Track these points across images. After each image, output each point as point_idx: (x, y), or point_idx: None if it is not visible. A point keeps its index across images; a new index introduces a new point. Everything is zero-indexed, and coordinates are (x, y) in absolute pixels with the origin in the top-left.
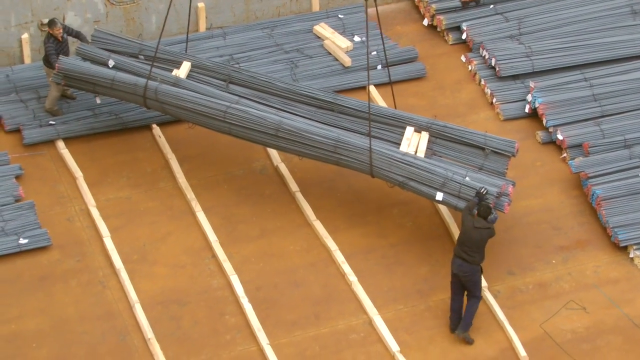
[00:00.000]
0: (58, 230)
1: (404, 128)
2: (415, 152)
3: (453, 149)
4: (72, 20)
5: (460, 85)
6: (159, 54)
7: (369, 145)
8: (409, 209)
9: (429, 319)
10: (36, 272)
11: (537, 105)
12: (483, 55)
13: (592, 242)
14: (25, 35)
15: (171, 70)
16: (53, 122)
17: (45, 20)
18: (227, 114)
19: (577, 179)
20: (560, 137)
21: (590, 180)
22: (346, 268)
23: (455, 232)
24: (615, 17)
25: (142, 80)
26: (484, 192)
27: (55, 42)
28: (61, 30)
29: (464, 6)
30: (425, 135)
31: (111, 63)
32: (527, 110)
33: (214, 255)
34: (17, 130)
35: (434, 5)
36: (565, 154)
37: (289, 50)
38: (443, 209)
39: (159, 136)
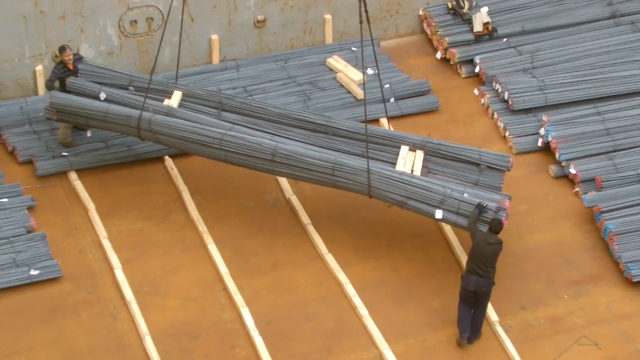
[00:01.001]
0: (69, 261)
1: (399, 147)
2: (412, 170)
3: (448, 166)
4: (86, 52)
5: (473, 118)
6: (147, 85)
7: (366, 166)
8: (421, 243)
9: (441, 353)
10: (47, 303)
11: (549, 138)
12: (496, 88)
13: (605, 277)
14: (39, 67)
15: (162, 100)
16: (66, 154)
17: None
18: (223, 141)
19: (590, 213)
20: (572, 171)
21: (602, 214)
22: (357, 301)
23: None
24: (627, 51)
25: (135, 112)
26: (484, 205)
27: (63, 70)
28: (71, 57)
29: (477, 39)
30: (420, 154)
31: (102, 96)
32: (539, 144)
33: (225, 288)
34: (30, 162)
35: (447, 39)
36: (577, 188)
37: (302, 83)
38: (455, 242)
39: (172, 168)
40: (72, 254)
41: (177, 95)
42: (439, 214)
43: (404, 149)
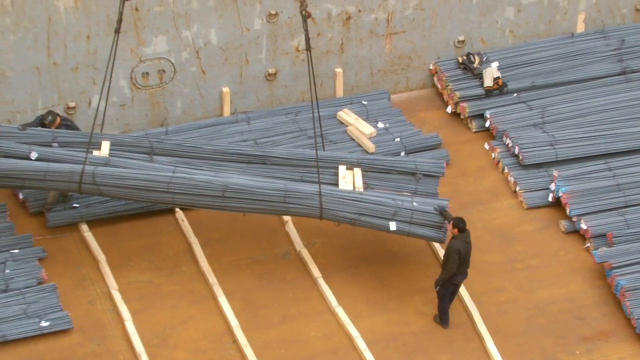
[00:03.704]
0: (79, 313)
1: (335, 168)
2: (354, 187)
3: (385, 179)
4: (98, 103)
5: (483, 172)
6: (73, 138)
7: (318, 190)
8: (431, 297)
9: None
10: (57, 355)
11: (560, 194)
12: (506, 143)
13: (616, 333)
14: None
15: (91, 152)
16: (77, 205)
17: (72, 104)
18: (171, 184)
19: (601, 269)
20: (583, 226)
21: (614, 270)
22: (367, 355)
23: (479, 320)
24: (638, 107)
25: (77, 167)
26: (445, 209)
27: (43, 125)
28: (52, 127)
29: (488, 94)
30: (358, 171)
31: (34, 155)
32: (550, 199)
33: (235, 340)
34: (41, 213)
35: (457, 93)
36: (588, 244)
37: (313, 136)
38: (465, 297)
39: (182, 220)
40: (82, 305)
41: (105, 145)
42: (393, 226)
43: (342, 169)
